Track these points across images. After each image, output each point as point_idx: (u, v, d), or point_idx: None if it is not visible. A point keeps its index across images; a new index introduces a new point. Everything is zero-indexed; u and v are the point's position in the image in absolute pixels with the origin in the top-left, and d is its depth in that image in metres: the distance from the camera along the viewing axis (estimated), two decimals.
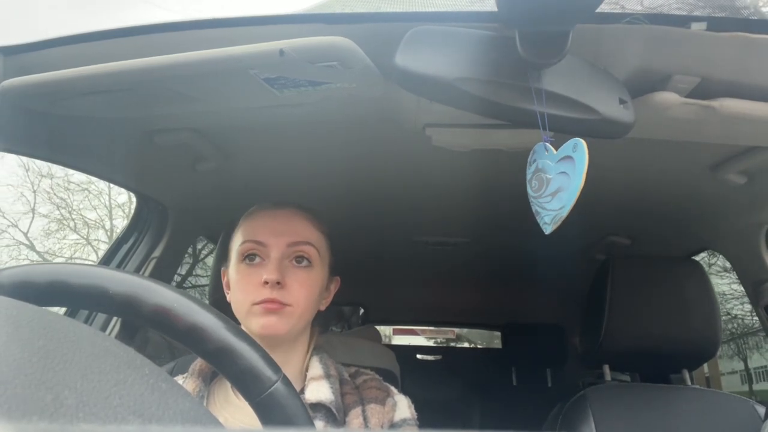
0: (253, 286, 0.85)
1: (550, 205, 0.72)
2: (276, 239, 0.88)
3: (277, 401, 0.45)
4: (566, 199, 0.70)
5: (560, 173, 0.72)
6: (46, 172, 8.19)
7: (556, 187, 0.72)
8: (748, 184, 1.20)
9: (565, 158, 0.71)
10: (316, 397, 0.84)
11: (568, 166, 0.70)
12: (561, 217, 0.70)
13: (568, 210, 0.69)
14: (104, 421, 0.25)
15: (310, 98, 0.84)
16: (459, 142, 1.01)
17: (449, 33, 0.72)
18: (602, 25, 0.75)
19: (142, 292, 0.45)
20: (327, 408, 0.83)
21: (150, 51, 0.74)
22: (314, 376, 0.88)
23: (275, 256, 0.87)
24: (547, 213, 0.72)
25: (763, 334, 5.12)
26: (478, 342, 7.19)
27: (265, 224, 0.90)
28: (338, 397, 0.86)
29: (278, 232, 0.89)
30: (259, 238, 0.88)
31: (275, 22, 0.78)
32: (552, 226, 0.72)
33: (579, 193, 0.68)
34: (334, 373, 0.90)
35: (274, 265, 0.86)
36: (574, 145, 0.70)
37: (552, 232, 0.71)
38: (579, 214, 0.71)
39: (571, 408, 1.25)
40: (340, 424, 0.84)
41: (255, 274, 0.86)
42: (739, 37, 0.75)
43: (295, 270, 0.88)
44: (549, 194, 0.73)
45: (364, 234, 1.87)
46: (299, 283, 0.87)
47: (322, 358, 0.92)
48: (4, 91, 0.78)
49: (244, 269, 0.88)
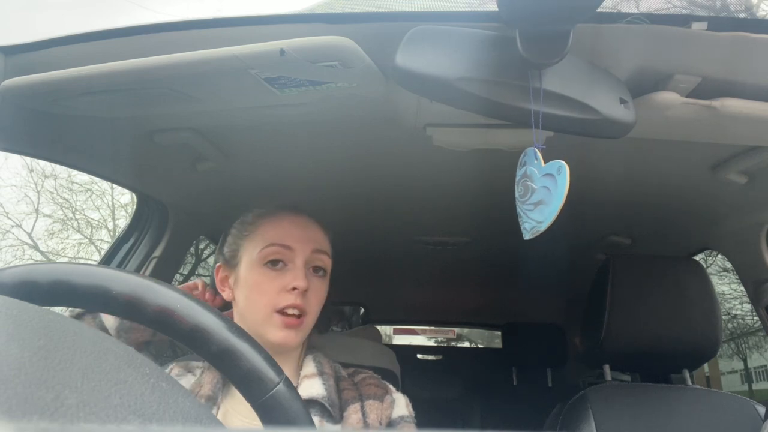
0: (276, 291, 0.85)
1: (532, 214, 0.73)
2: (302, 245, 0.89)
3: (280, 403, 0.45)
4: (546, 214, 0.70)
5: (544, 187, 0.72)
6: (49, 173, 8.23)
7: (539, 198, 0.73)
8: (748, 184, 1.20)
9: (549, 176, 0.72)
10: (308, 393, 0.84)
11: (551, 184, 0.71)
12: (539, 230, 0.72)
13: (547, 226, 0.71)
14: (104, 421, 0.25)
15: (311, 98, 0.85)
16: (459, 142, 1.01)
17: (449, 33, 0.72)
18: (603, 24, 0.75)
19: (146, 292, 0.45)
20: (320, 404, 0.84)
21: (150, 51, 0.74)
22: (307, 374, 0.89)
23: (300, 263, 0.88)
24: (528, 221, 0.73)
25: (762, 333, 5.11)
26: (478, 342, 7.20)
27: (289, 229, 0.90)
28: (332, 393, 0.87)
29: (305, 238, 0.90)
30: (287, 242, 0.88)
31: (275, 22, 0.78)
32: (530, 234, 0.73)
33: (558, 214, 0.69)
34: (329, 371, 0.91)
35: (303, 272, 0.87)
36: (559, 168, 0.71)
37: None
38: (579, 214, 0.71)
39: (571, 408, 1.25)
40: (335, 419, 0.85)
41: (278, 278, 0.86)
42: (740, 37, 0.75)
43: (314, 279, 0.89)
44: (532, 203, 0.73)
45: (364, 234, 1.87)
46: (316, 293, 0.89)
47: (315, 357, 0.93)
48: (5, 91, 0.78)
49: (266, 272, 0.87)
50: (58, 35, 0.83)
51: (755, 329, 5.65)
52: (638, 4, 6.34)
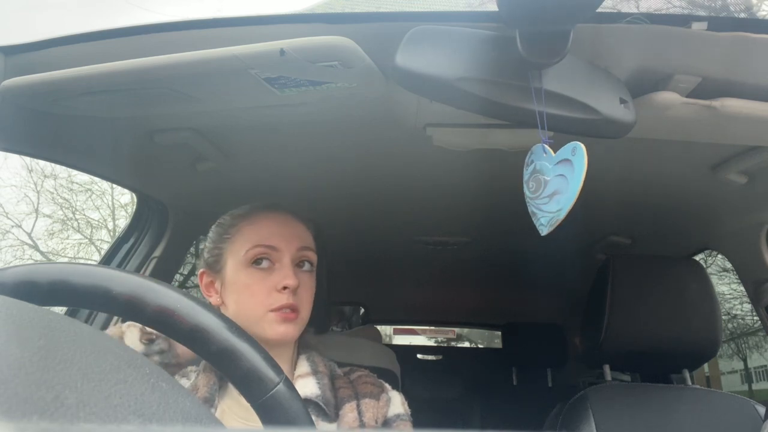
0: (267, 291, 0.85)
1: (548, 207, 0.72)
2: (288, 244, 0.88)
3: (279, 403, 0.45)
4: (564, 201, 0.70)
5: (558, 176, 0.72)
6: (49, 173, 8.23)
7: (553, 189, 0.72)
8: (748, 184, 1.20)
9: (564, 161, 0.71)
10: (302, 392, 0.84)
11: (567, 169, 0.71)
12: (558, 219, 0.71)
13: (566, 213, 0.69)
14: (105, 421, 0.25)
15: (311, 98, 0.85)
16: (459, 142, 1.01)
17: (450, 33, 0.72)
18: (603, 24, 0.75)
19: (146, 292, 0.45)
20: (315, 403, 0.84)
21: (150, 51, 0.74)
22: (301, 373, 0.89)
23: (287, 261, 0.88)
24: (544, 215, 0.72)
25: (762, 333, 5.11)
26: (478, 342, 7.20)
27: (273, 228, 0.90)
28: (327, 391, 0.87)
29: (289, 237, 0.89)
30: (272, 242, 0.88)
31: (275, 22, 0.78)
32: (548, 227, 0.72)
33: (577, 196, 0.68)
34: (323, 370, 0.91)
35: (291, 271, 0.87)
36: (573, 149, 0.70)
37: (552, 232, 0.72)
38: (580, 214, 0.71)
39: (571, 408, 1.25)
40: (331, 417, 0.85)
41: (267, 278, 0.86)
42: (740, 37, 0.75)
43: (301, 274, 0.89)
44: (546, 196, 0.73)
45: (364, 234, 1.87)
46: (305, 288, 0.89)
47: (309, 356, 0.92)
48: (5, 91, 0.78)
49: (253, 273, 0.87)
50: (58, 35, 0.83)
51: (755, 329, 5.65)
52: (638, 4, 6.34)
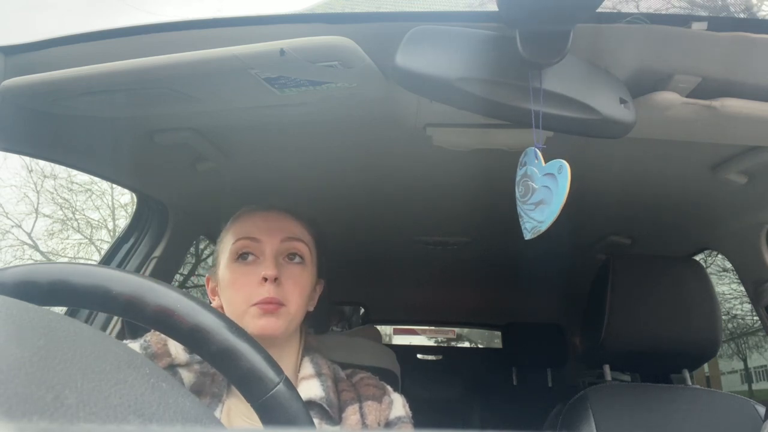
0: (250, 285, 0.85)
1: (533, 214, 0.73)
2: (270, 235, 0.88)
3: (280, 403, 0.45)
4: (547, 214, 0.70)
5: (544, 186, 0.72)
6: (49, 173, 8.23)
7: (539, 198, 0.72)
8: (748, 184, 1.20)
9: (550, 175, 0.72)
10: (306, 395, 0.84)
11: (552, 184, 0.71)
12: (540, 230, 0.72)
13: (547, 226, 0.70)
14: (104, 421, 0.25)
15: (311, 98, 0.85)
16: (459, 142, 1.01)
17: (450, 33, 0.72)
18: (603, 24, 0.75)
19: (146, 292, 0.45)
20: (319, 405, 0.84)
21: (150, 51, 0.74)
22: (305, 375, 0.88)
23: (270, 253, 0.87)
24: (529, 221, 0.73)
25: (762, 333, 5.11)
26: (478, 342, 7.20)
27: (256, 222, 0.91)
28: (330, 394, 0.86)
29: (271, 229, 0.89)
30: (253, 234, 0.88)
31: (275, 22, 0.78)
32: (531, 234, 0.73)
33: (559, 213, 0.69)
34: (327, 372, 0.90)
35: (271, 262, 0.86)
36: (560, 167, 0.70)
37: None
38: (579, 214, 0.71)
39: (571, 408, 1.25)
40: (334, 420, 0.85)
41: (251, 272, 0.86)
42: (740, 37, 0.75)
43: (289, 266, 0.88)
44: (533, 203, 0.73)
45: (364, 234, 1.87)
46: (293, 281, 0.87)
47: (313, 358, 0.92)
48: (5, 91, 0.78)
49: (238, 268, 0.87)
50: (58, 35, 0.83)
51: (755, 329, 5.66)
52: (638, 4, 6.35)
